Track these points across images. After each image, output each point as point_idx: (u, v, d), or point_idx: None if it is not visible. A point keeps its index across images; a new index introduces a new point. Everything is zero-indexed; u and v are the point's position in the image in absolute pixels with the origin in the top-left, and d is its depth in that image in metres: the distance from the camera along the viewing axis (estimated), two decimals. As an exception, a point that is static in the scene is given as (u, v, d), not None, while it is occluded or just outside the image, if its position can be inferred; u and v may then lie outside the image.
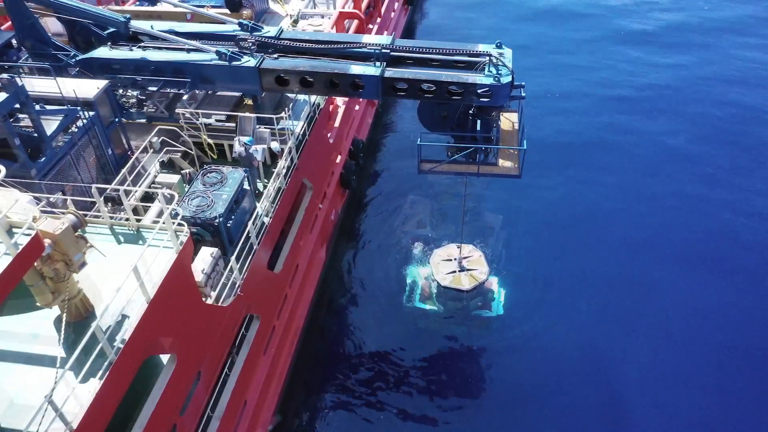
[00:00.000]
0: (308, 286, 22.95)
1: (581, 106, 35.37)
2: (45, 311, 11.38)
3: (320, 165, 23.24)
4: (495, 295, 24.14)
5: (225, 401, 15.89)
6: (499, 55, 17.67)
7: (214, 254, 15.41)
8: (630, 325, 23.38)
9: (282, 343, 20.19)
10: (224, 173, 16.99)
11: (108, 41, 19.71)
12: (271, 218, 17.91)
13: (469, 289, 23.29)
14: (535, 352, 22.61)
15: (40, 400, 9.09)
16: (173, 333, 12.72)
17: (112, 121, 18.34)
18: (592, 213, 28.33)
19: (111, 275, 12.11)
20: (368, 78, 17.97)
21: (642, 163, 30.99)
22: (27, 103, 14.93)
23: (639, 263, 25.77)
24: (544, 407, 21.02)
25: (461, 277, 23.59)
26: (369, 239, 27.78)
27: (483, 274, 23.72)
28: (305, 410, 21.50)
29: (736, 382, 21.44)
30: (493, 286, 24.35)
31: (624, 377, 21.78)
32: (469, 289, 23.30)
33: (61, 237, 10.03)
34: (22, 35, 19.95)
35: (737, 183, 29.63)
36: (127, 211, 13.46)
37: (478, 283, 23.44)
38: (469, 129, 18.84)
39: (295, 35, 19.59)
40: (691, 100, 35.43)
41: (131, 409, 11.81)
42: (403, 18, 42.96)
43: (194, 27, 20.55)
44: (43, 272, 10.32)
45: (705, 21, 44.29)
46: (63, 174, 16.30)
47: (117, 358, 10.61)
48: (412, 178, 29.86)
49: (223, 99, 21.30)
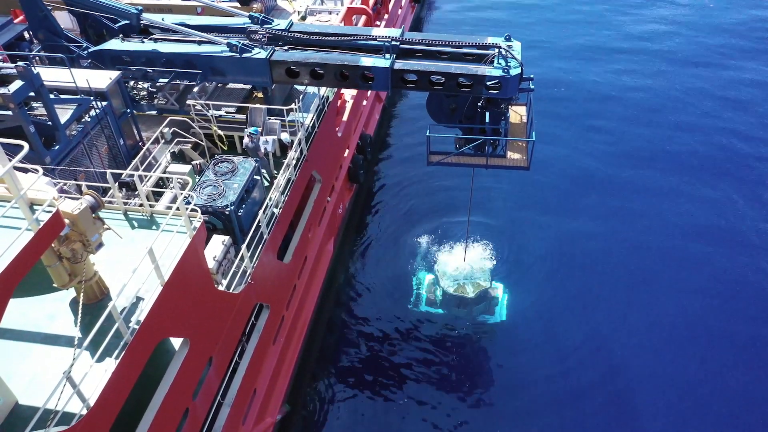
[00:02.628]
0: (317, 278, 23.06)
1: (598, 110, 35.23)
2: (61, 293, 11.53)
3: (329, 158, 23.36)
4: (498, 300, 24.13)
5: (235, 388, 16.01)
6: (509, 48, 17.76)
7: (226, 242, 15.56)
8: (636, 329, 23.20)
9: (291, 334, 20.31)
10: (235, 163, 17.13)
11: (119, 33, 19.87)
12: (281, 209, 18.04)
13: (473, 296, 23.47)
14: (538, 356, 22.53)
15: (57, 380, 9.22)
16: (186, 317, 12.85)
17: (123, 111, 18.51)
18: (600, 214, 28.26)
19: (125, 258, 12.27)
20: (378, 70, 18.08)
21: (657, 166, 30.87)
22: (41, 91, 15.07)
23: (648, 267, 25.54)
24: (550, 408, 21.02)
25: (466, 284, 23.82)
26: (376, 234, 27.88)
27: (487, 281, 23.92)
28: (313, 401, 21.60)
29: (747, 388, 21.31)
30: (497, 293, 24.32)
31: (630, 381, 21.62)
32: (474, 296, 23.48)
33: (80, 216, 10.17)
34: (35, 27, 20.18)
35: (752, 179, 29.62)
36: (141, 197, 13.59)
37: (482, 290, 23.66)
38: (477, 121, 18.94)
39: (305, 28, 19.72)
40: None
41: (146, 391, 11.93)
42: (410, 15, 43.13)
43: (205, 20, 20.72)
44: (60, 253, 10.46)
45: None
46: (76, 162, 16.48)
47: (132, 339, 10.73)
48: (419, 173, 30.08)
49: (233, 91, 21.47)
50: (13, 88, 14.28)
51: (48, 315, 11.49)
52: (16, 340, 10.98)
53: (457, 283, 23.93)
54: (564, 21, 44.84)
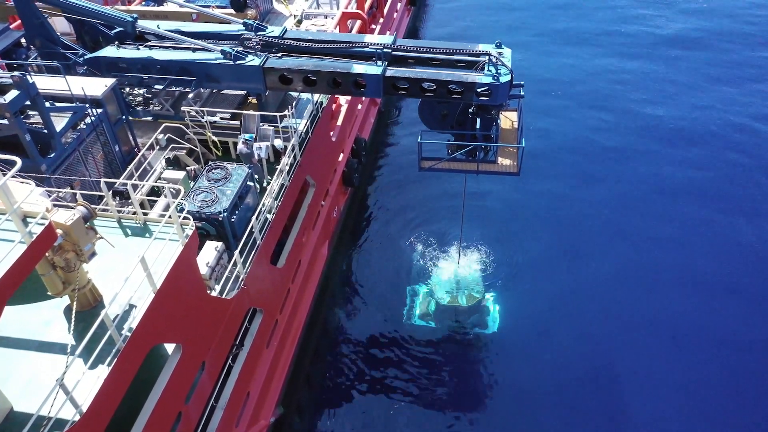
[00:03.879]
0: (311, 281, 23.31)
1: (591, 117, 35.32)
2: (55, 300, 11.77)
3: (323, 163, 23.60)
4: (491, 311, 24.17)
5: (228, 392, 16.28)
6: (499, 55, 17.98)
7: (219, 248, 15.80)
8: (634, 341, 22.97)
9: (285, 337, 20.56)
10: (229, 170, 17.39)
11: (115, 40, 20.14)
12: (275, 214, 18.28)
13: (466, 307, 23.70)
14: (532, 367, 22.42)
15: (51, 386, 9.47)
16: (179, 323, 13.10)
17: (119, 118, 18.74)
18: (592, 219, 28.19)
19: (118, 266, 12.51)
20: (370, 77, 18.32)
21: (647, 174, 30.79)
22: (37, 100, 15.32)
23: (641, 276, 25.43)
24: (545, 419, 20.99)
25: (459, 296, 24.06)
26: (371, 237, 28.14)
27: (480, 292, 24.14)
28: (307, 404, 21.87)
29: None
30: (490, 303, 24.35)
31: (624, 393, 21.49)
32: (467, 307, 23.70)
33: (72, 227, 10.42)
34: (31, 34, 20.40)
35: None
36: (135, 205, 13.84)
37: (475, 302, 23.87)
38: (469, 127, 19.19)
39: (298, 35, 19.96)
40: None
41: (139, 396, 12.18)
42: (406, 18, 43.33)
43: (200, 27, 20.95)
44: (54, 262, 10.71)
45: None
46: (71, 169, 16.73)
47: (125, 346, 10.99)
48: (413, 176, 30.18)
49: (227, 97, 21.69)
50: (9, 97, 14.52)
51: (42, 322, 11.74)
52: (11, 347, 11.23)
53: (450, 295, 24.18)
54: (563, 25, 45.04)
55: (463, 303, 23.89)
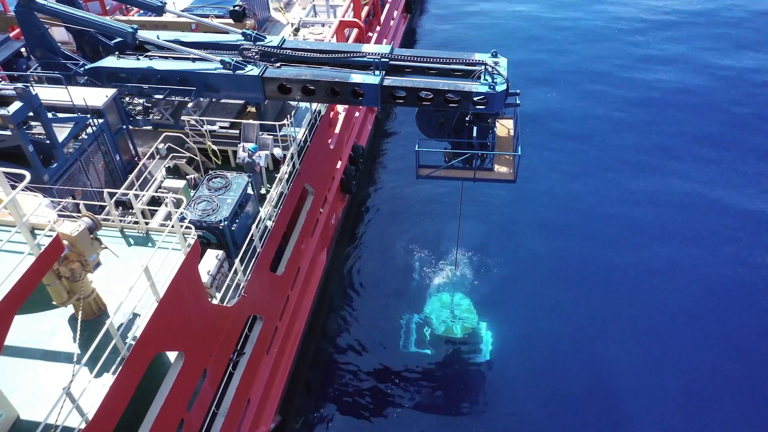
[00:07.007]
0: (310, 288, 23.50)
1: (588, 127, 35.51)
2: (60, 309, 11.93)
3: (321, 170, 23.83)
4: (485, 340, 24.11)
5: (229, 399, 16.45)
6: (495, 64, 18.27)
7: (219, 256, 15.99)
8: (630, 366, 22.80)
9: (284, 344, 20.74)
10: (229, 178, 17.59)
11: (115, 51, 20.34)
12: (274, 222, 18.48)
13: (460, 337, 23.93)
14: (526, 395, 22.27)
15: (57, 394, 9.63)
16: (181, 331, 13.29)
17: (119, 128, 18.92)
18: (586, 231, 28.31)
19: (122, 276, 12.69)
20: (368, 86, 18.56)
21: (639, 190, 30.66)
22: (40, 111, 15.51)
23: (643, 296, 25.28)
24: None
25: (453, 325, 24.29)
26: (369, 243, 28.36)
27: (474, 323, 24.37)
28: (305, 411, 22.02)
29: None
30: (484, 333, 24.30)
31: (624, 414, 21.40)
32: (461, 337, 23.93)
33: (78, 238, 10.60)
34: (32, 45, 20.56)
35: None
36: (137, 215, 14.02)
37: (469, 332, 24.10)
38: (465, 135, 19.44)
39: (296, 44, 20.20)
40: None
41: (142, 403, 12.34)
42: (402, 26, 43.64)
43: (199, 37, 21.17)
44: (59, 272, 10.88)
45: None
46: (73, 179, 16.90)
47: (129, 354, 11.16)
48: (411, 183, 30.40)
49: (227, 107, 21.91)
50: (13, 109, 14.70)
51: (48, 331, 11.90)
52: (18, 356, 11.40)
53: (445, 325, 24.39)
54: (558, 35, 45.40)
55: (458, 333, 24.06)
